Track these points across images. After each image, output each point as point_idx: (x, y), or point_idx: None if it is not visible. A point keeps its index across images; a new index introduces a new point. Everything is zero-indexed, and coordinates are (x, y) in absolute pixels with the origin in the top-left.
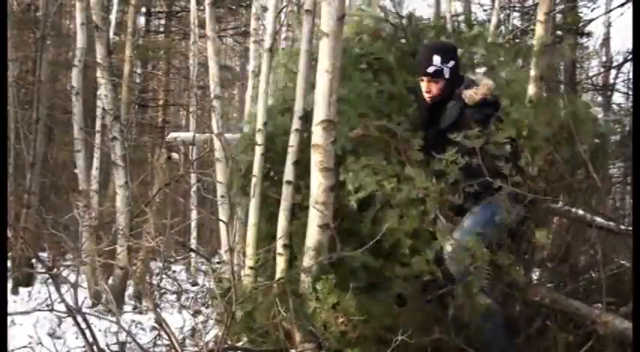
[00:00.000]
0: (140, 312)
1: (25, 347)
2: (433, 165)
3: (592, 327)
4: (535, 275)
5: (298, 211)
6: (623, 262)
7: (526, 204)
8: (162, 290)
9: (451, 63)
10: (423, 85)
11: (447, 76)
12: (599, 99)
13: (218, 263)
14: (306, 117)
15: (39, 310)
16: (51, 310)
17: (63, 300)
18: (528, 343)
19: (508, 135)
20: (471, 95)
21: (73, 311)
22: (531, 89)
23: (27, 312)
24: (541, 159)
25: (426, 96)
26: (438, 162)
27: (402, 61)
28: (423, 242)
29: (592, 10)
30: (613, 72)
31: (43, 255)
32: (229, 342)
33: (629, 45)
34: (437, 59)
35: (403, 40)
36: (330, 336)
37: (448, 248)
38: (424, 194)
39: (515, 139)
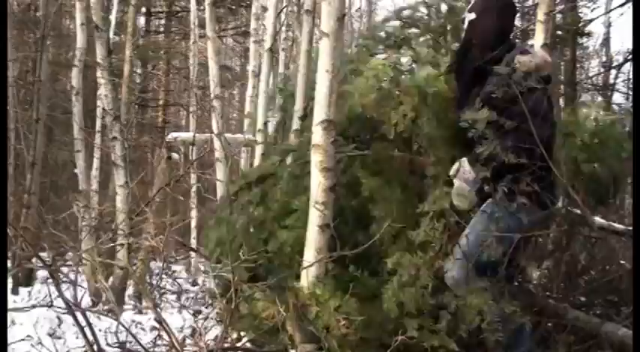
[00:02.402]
0: (140, 312)
1: (23, 339)
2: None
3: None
4: (535, 275)
5: None
6: (622, 262)
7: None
8: (163, 290)
9: (472, 15)
10: None
11: (465, 26)
12: (599, 99)
13: (218, 263)
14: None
15: (38, 306)
16: (50, 306)
17: (62, 297)
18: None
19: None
20: (524, 61)
21: (72, 308)
22: None
23: (26, 308)
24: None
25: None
26: (416, 236)
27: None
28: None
29: (592, 10)
30: (613, 72)
31: (43, 254)
32: (229, 342)
33: (629, 45)
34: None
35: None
36: (332, 339)
37: (448, 265)
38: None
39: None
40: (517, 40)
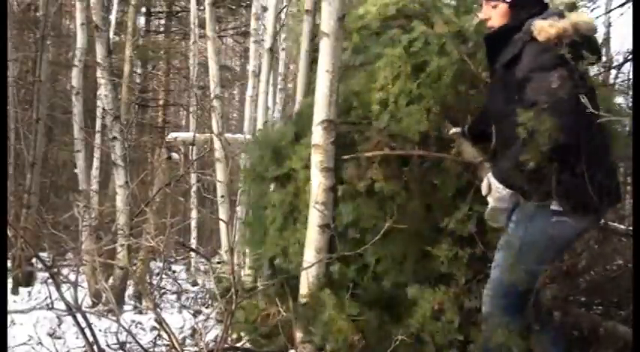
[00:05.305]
0: (140, 312)
1: (24, 344)
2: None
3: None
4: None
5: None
6: (622, 262)
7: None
8: (163, 290)
9: None
10: (482, 11)
11: None
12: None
13: (218, 263)
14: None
15: (39, 308)
16: (50, 308)
17: (63, 299)
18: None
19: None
20: (542, 27)
21: (72, 310)
22: None
23: (26, 310)
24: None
25: (488, 25)
26: (454, 222)
27: None
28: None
29: (592, 10)
30: (613, 72)
31: (43, 254)
32: (229, 342)
33: (629, 45)
34: None
35: None
36: (335, 340)
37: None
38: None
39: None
40: None
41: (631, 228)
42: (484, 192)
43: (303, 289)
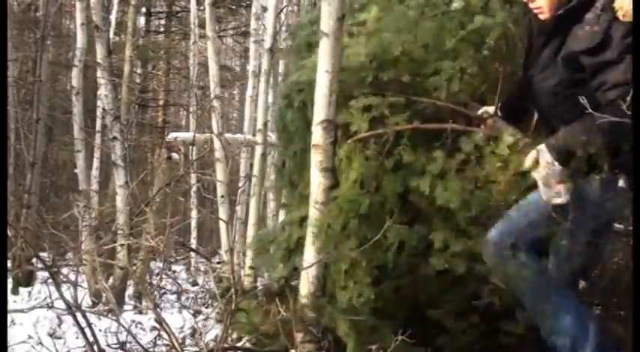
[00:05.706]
0: (140, 312)
1: (24, 341)
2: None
3: None
4: None
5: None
6: (621, 262)
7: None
8: (163, 290)
9: None
10: None
11: None
12: None
13: (218, 263)
14: None
15: (39, 307)
16: (50, 307)
17: (63, 298)
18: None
19: None
20: (629, 8)
21: (72, 309)
22: None
23: (26, 310)
24: None
25: (536, 12)
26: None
27: None
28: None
29: None
30: None
31: (43, 254)
32: (229, 342)
33: None
34: None
35: None
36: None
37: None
38: None
39: None
40: None
41: (631, 228)
42: (527, 165)
43: (303, 289)
